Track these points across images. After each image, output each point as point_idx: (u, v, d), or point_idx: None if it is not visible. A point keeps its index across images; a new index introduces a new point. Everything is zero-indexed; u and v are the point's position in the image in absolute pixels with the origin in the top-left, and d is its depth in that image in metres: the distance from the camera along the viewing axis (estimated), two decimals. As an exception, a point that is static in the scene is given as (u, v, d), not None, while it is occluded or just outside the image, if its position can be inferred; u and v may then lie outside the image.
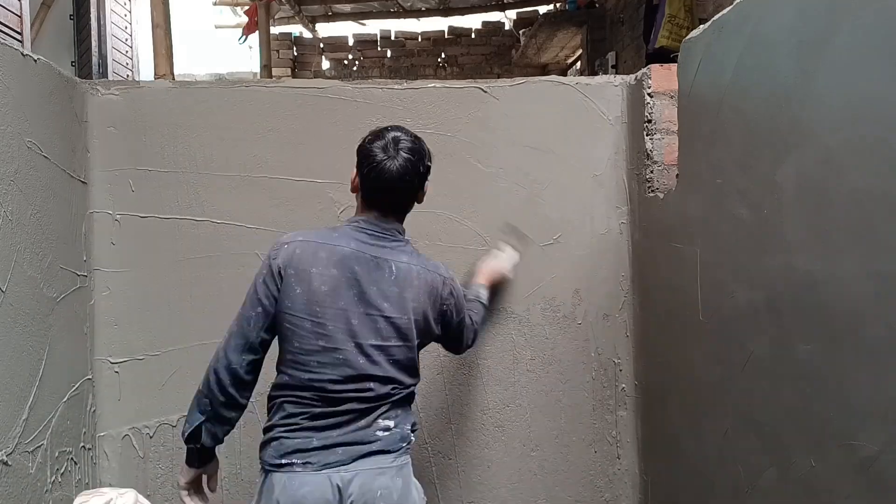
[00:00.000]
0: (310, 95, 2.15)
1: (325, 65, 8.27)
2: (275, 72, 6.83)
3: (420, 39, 8.22)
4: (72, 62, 5.05)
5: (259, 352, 1.57)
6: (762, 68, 1.34)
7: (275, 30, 7.44)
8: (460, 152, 2.18)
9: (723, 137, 1.52)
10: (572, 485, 2.22)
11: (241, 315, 1.56)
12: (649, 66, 2.05)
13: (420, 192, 1.66)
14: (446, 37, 8.16)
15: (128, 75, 5.60)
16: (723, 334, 1.54)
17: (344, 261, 1.55)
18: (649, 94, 2.02)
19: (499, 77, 7.26)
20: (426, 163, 1.64)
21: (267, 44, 6.00)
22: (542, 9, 7.28)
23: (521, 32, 7.29)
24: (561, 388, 2.21)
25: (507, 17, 7.98)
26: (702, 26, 1.65)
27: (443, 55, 8.16)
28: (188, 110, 2.12)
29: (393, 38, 8.22)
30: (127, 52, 5.64)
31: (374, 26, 8.15)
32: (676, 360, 1.84)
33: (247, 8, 6.50)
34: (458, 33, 8.14)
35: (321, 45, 8.13)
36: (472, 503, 2.21)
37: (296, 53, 8.24)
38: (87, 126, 2.07)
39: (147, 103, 2.11)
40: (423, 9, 7.70)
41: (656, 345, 2.02)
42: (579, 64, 7.10)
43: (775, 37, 1.29)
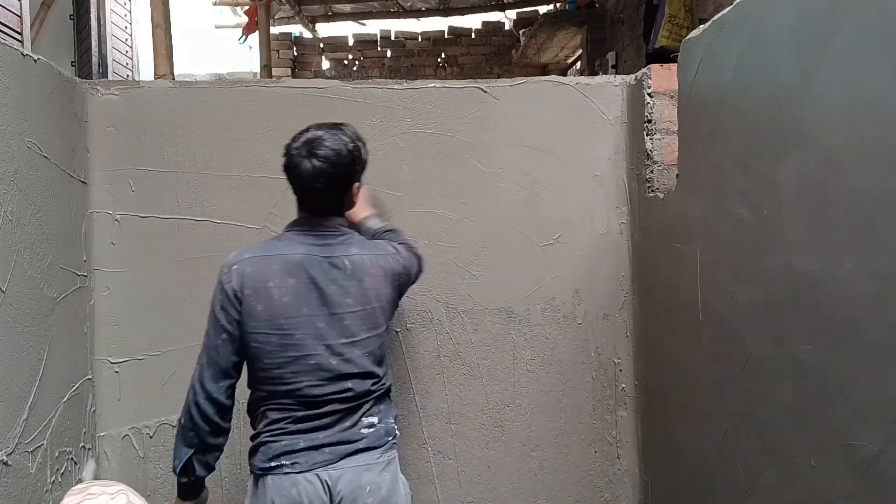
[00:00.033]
0: (310, 95, 2.15)
1: (325, 65, 8.27)
2: (275, 72, 6.83)
3: (420, 39, 8.21)
4: (72, 62, 5.05)
5: (234, 375, 1.58)
6: (762, 68, 1.34)
7: (275, 30, 7.44)
8: (460, 152, 2.18)
9: (723, 137, 1.52)
10: (572, 485, 2.22)
11: (208, 345, 1.57)
12: (649, 66, 2.05)
13: (347, 191, 1.63)
14: (446, 37, 8.16)
15: (128, 75, 5.60)
16: (723, 334, 1.54)
17: (298, 268, 1.55)
18: (649, 94, 2.02)
19: (499, 77, 7.26)
20: (350, 163, 1.58)
21: (267, 44, 6.00)
22: (542, 9, 7.27)
23: (521, 32, 7.29)
24: (561, 388, 2.21)
25: (507, 17, 7.98)
26: (702, 26, 1.65)
27: (443, 55, 8.15)
28: (188, 110, 2.12)
29: (393, 38, 8.22)
30: (127, 52, 5.64)
31: (374, 26, 8.15)
32: (676, 360, 1.84)
33: (247, 8, 6.50)
34: (458, 33, 8.14)
35: (321, 45, 8.13)
36: (472, 503, 2.21)
37: (296, 53, 8.24)
38: (87, 126, 2.07)
39: (147, 103, 2.11)
40: (423, 9, 7.70)
41: (656, 345, 2.02)
42: (579, 64, 7.10)
43: (775, 37, 1.29)
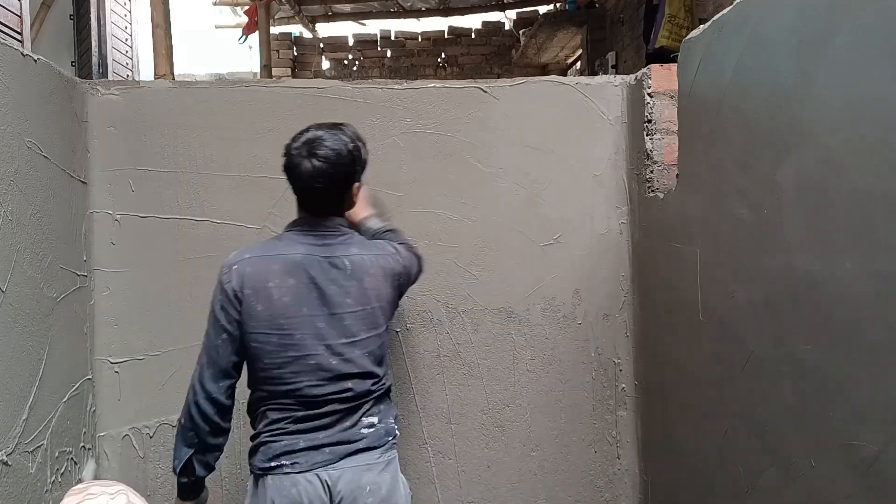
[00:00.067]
0: (310, 95, 2.15)
1: (325, 65, 8.27)
2: (275, 72, 6.83)
3: (420, 39, 8.21)
4: (72, 62, 5.05)
5: (234, 375, 1.59)
6: (762, 68, 1.34)
7: (275, 30, 7.44)
8: (460, 152, 2.18)
9: (723, 137, 1.52)
10: (572, 485, 2.22)
11: (208, 345, 1.57)
12: (649, 66, 2.05)
13: (347, 191, 1.63)
14: (446, 37, 8.16)
15: (128, 75, 5.60)
16: (723, 334, 1.54)
17: (298, 268, 1.55)
18: (649, 94, 2.02)
19: (499, 77, 7.26)
20: (350, 163, 1.58)
21: (267, 44, 6.00)
22: (542, 9, 7.27)
23: (521, 32, 7.29)
24: (561, 388, 2.21)
25: (507, 17, 7.98)
26: (702, 26, 1.65)
27: (443, 55, 8.15)
28: (188, 110, 2.12)
29: (393, 38, 8.21)
30: (127, 52, 5.64)
31: (374, 26, 8.15)
32: (676, 360, 1.84)
33: (247, 8, 6.50)
34: (458, 33, 8.14)
35: (321, 45, 8.13)
36: (471, 503, 2.21)
37: (296, 53, 8.24)
38: (87, 126, 2.07)
39: (147, 103, 2.11)
40: (423, 9, 7.70)
41: (656, 345, 2.02)
42: (579, 64, 7.10)
43: (775, 37, 1.29)
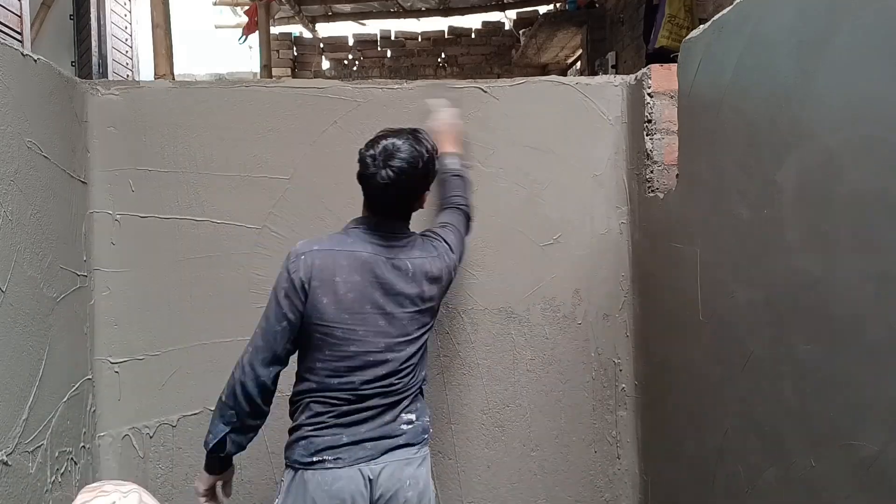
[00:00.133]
0: (310, 95, 2.15)
1: (325, 65, 8.27)
2: (275, 72, 6.83)
3: (420, 39, 8.21)
4: (72, 62, 5.04)
5: (285, 363, 1.62)
6: (762, 68, 1.34)
7: (275, 30, 7.44)
8: (460, 152, 2.17)
9: (723, 137, 1.52)
10: (572, 485, 2.22)
11: (266, 329, 1.58)
12: (649, 66, 2.05)
13: (416, 200, 1.69)
14: (446, 37, 8.15)
15: (128, 75, 5.59)
16: (723, 334, 1.54)
17: (365, 265, 1.60)
18: (649, 94, 2.02)
19: (499, 77, 7.26)
20: (424, 175, 1.64)
21: (267, 44, 6.00)
22: (542, 9, 7.27)
23: (521, 32, 7.29)
24: (561, 388, 2.21)
25: (507, 17, 7.97)
26: (702, 26, 1.65)
27: (443, 55, 8.15)
28: (188, 110, 2.12)
29: (393, 38, 8.21)
30: (127, 52, 5.64)
31: (374, 26, 8.14)
32: (676, 360, 1.84)
33: (247, 8, 6.50)
34: (458, 33, 8.14)
35: (321, 45, 8.13)
36: (472, 503, 2.21)
37: (296, 53, 8.24)
38: (87, 126, 2.07)
39: (147, 103, 2.11)
40: (423, 9, 7.70)
41: (656, 345, 2.02)
42: (579, 64, 7.09)
43: (775, 37, 1.29)
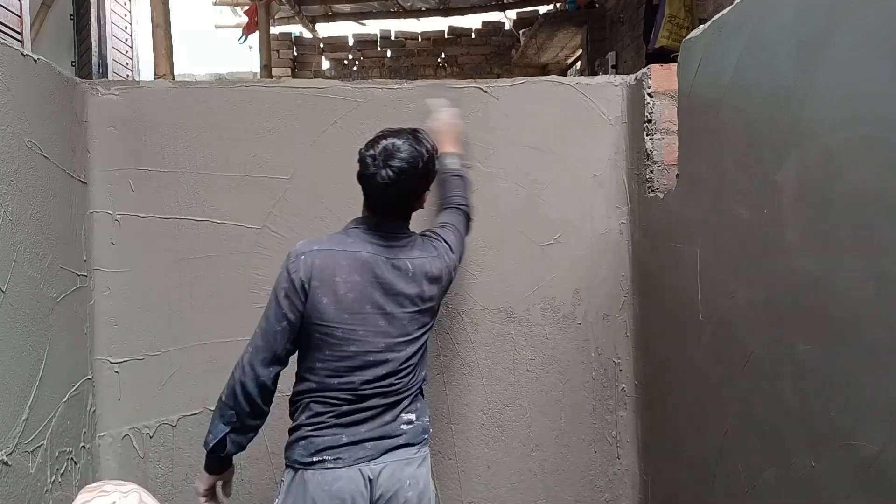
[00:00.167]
0: (310, 95, 2.15)
1: (325, 65, 8.27)
2: (275, 72, 6.83)
3: (420, 39, 8.21)
4: (72, 62, 5.04)
5: (285, 363, 1.61)
6: (762, 68, 1.34)
7: (275, 30, 7.44)
8: (460, 152, 2.17)
9: (723, 137, 1.52)
10: (572, 485, 2.22)
11: (266, 329, 1.58)
12: (649, 66, 2.05)
13: (416, 200, 1.69)
14: (446, 37, 8.15)
15: (128, 75, 5.59)
16: (723, 334, 1.54)
17: (365, 266, 1.59)
18: (649, 94, 2.02)
19: (499, 77, 7.26)
20: (424, 175, 1.64)
21: (267, 44, 6.00)
22: (542, 9, 7.27)
23: (521, 32, 7.28)
24: (561, 388, 2.21)
25: (507, 17, 7.97)
26: (702, 26, 1.65)
27: (443, 55, 8.15)
28: (188, 110, 2.12)
29: (393, 38, 8.21)
30: (127, 52, 5.64)
31: (374, 26, 8.14)
32: (676, 360, 1.84)
33: (247, 8, 6.50)
34: (458, 33, 8.14)
35: (321, 45, 8.13)
36: (472, 503, 2.21)
37: (296, 53, 8.24)
38: (87, 126, 2.07)
39: (147, 103, 2.11)
40: (423, 9, 7.70)
41: (656, 345, 2.02)
42: (579, 64, 7.09)
43: (775, 37, 1.29)
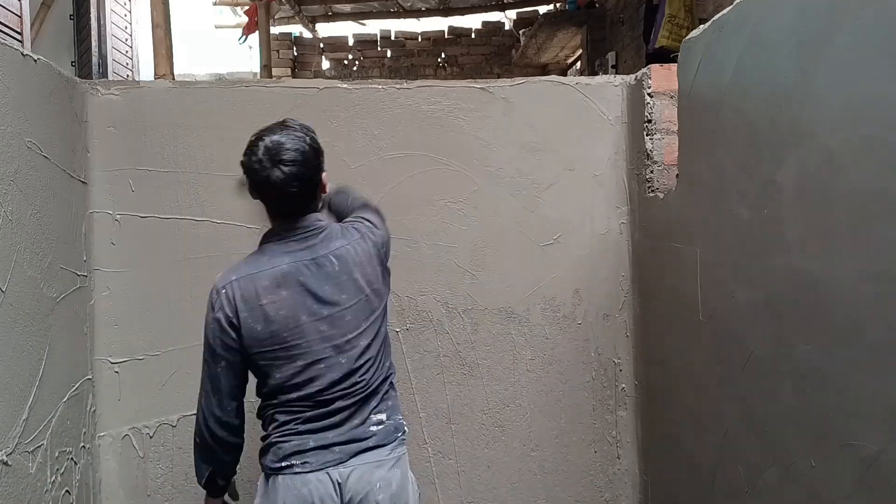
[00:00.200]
0: (309, 95, 2.15)
1: (325, 65, 8.27)
2: (275, 72, 6.82)
3: (420, 39, 8.21)
4: (72, 62, 5.04)
5: (238, 396, 1.59)
6: (762, 68, 1.34)
7: (275, 30, 7.43)
8: (460, 152, 2.18)
9: (723, 137, 1.52)
10: (572, 485, 2.22)
11: (209, 374, 1.56)
12: (649, 66, 2.05)
13: (318, 185, 1.60)
14: (446, 37, 8.15)
15: (128, 75, 5.59)
16: (723, 334, 1.54)
17: (287, 278, 1.54)
18: (649, 94, 2.02)
19: (499, 77, 7.26)
20: (315, 157, 1.56)
21: (267, 44, 6.00)
22: (542, 9, 7.27)
23: (521, 32, 7.28)
24: (561, 388, 2.21)
25: (507, 17, 7.97)
26: (702, 26, 1.65)
27: (443, 55, 8.15)
28: (188, 110, 2.12)
29: (393, 38, 8.21)
30: (127, 52, 5.63)
31: (374, 26, 8.14)
32: (676, 360, 1.84)
33: (247, 8, 6.50)
34: (458, 33, 8.14)
35: (321, 45, 8.13)
36: (472, 503, 2.21)
37: (296, 53, 8.23)
38: (87, 126, 2.07)
39: (147, 103, 2.11)
40: (423, 9, 7.69)
41: (656, 345, 2.02)
42: (579, 64, 7.09)
43: (775, 37, 1.29)
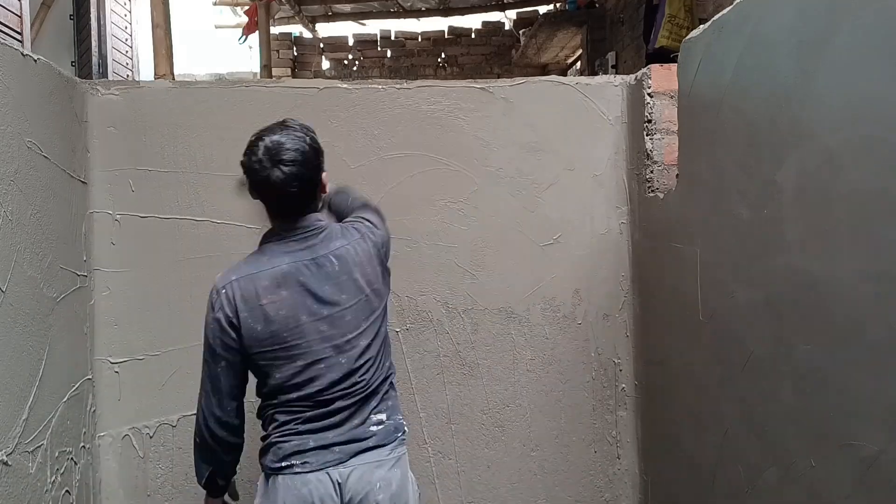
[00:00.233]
0: (309, 95, 2.15)
1: (325, 65, 8.27)
2: (275, 72, 6.82)
3: (420, 39, 8.21)
4: (72, 62, 5.04)
5: (238, 396, 1.59)
6: (762, 68, 1.34)
7: (275, 30, 7.43)
8: (460, 152, 2.18)
9: (723, 137, 1.52)
10: (572, 485, 2.22)
11: (210, 374, 1.57)
12: (649, 66, 2.05)
13: (318, 185, 1.60)
14: (446, 37, 8.15)
15: (128, 75, 5.59)
16: (723, 334, 1.54)
17: (287, 278, 1.54)
18: (649, 94, 2.02)
19: (499, 77, 7.26)
20: (315, 156, 1.55)
21: (267, 44, 6.00)
22: (542, 9, 7.27)
23: (521, 32, 7.28)
24: (561, 388, 2.21)
25: (507, 17, 7.97)
26: (702, 26, 1.65)
27: (443, 55, 8.15)
28: (188, 110, 2.12)
29: (393, 38, 8.21)
30: (127, 52, 5.64)
31: (374, 26, 8.14)
32: (676, 360, 1.84)
33: (247, 8, 6.50)
34: (458, 33, 8.14)
35: (321, 45, 8.13)
36: (472, 503, 2.21)
37: (296, 53, 8.23)
38: (87, 126, 2.07)
39: (147, 103, 2.11)
40: (423, 9, 7.69)
41: (656, 345, 2.02)
42: (579, 64, 7.09)
43: (775, 37, 1.29)
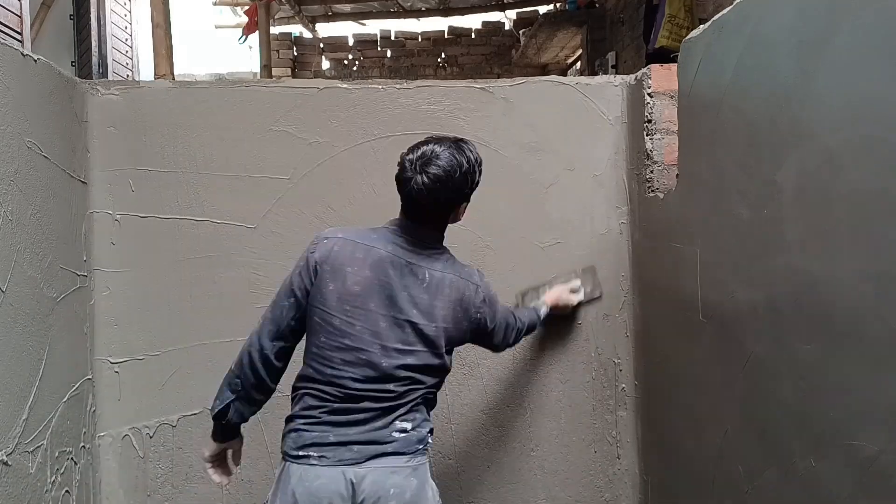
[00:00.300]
0: (309, 95, 2.15)
1: (325, 65, 8.27)
2: (275, 72, 6.83)
3: (420, 39, 8.22)
4: (72, 62, 5.04)
5: (290, 340, 1.61)
6: (762, 68, 1.34)
7: (275, 30, 7.44)
8: (460, 152, 2.17)
9: (723, 137, 1.52)
10: (572, 485, 2.22)
11: (276, 302, 1.61)
12: (649, 66, 2.05)
13: (450, 212, 1.62)
14: (446, 37, 8.16)
15: (128, 75, 5.59)
16: (723, 334, 1.54)
17: (379, 263, 1.57)
18: (649, 94, 2.02)
19: (499, 77, 7.26)
20: (460, 185, 1.57)
21: (267, 44, 6.00)
22: (542, 9, 7.28)
23: (521, 32, 7.29)
24: (561, 388, 2.21)
25: (507, 17, 7.98)
26: (702, 26, 1.65)
27: (443, 55, 8.16)
28: (188, 110, 2.12)
29: (393, 38, 8.22)
30: (127, 52, 5.64)
31: (374, 26, 8.15)
32: (676, 360, 1.84)
33: (247, 8, 6.50)
34: (458, 33, 8.14)
35: (321, 45, 8.13)
36: (471, 503, 2.21)
37: (296, 53, 8.24)
38: (87, 126, 2.07)
39: (147, 103, 2.11)
40: (423, 9, 7.70)
41: (656, 345, 2.02)
42: (579, 64, 7.10)
43: (775, 37, 1.29)
